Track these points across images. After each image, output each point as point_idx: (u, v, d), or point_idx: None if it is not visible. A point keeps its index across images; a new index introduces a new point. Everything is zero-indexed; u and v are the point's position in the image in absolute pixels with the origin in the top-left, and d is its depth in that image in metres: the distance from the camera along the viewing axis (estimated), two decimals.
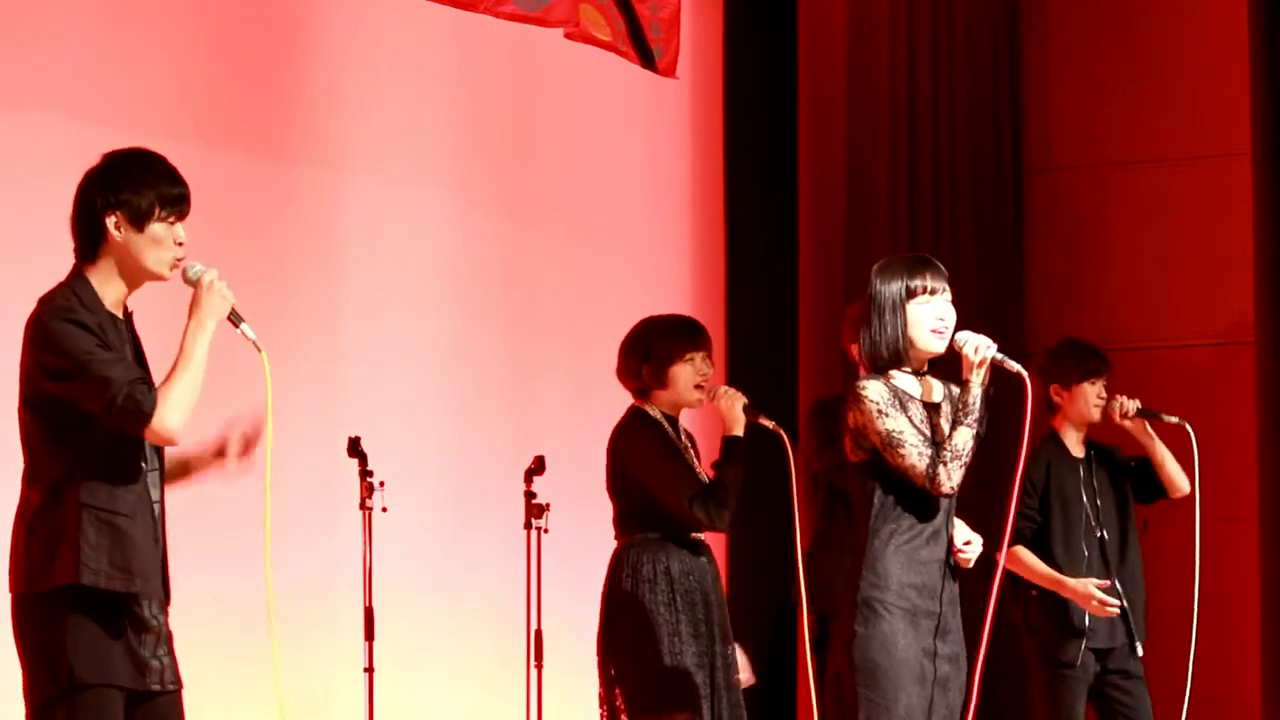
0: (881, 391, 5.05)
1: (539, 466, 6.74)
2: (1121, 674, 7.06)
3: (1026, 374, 5.07)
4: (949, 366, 5.14)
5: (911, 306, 5.08)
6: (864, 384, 5.06)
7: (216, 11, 7.01)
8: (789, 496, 6.22)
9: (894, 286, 5.09)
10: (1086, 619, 6.95)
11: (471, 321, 7.90)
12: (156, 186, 4.43)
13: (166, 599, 4.50)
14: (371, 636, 6.50)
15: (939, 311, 5.09)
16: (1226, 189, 9.33)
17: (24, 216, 6.16)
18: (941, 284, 5.11)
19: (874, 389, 5.05)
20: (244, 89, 7.08)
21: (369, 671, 6.49)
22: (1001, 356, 5.06)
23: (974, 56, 9.61)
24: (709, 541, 6.38)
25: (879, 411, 5.02)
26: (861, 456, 5.09)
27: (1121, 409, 7.09)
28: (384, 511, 6.46)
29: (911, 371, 5.14)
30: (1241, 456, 9.02)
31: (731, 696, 6.20)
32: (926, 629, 5.05)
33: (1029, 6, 9.86)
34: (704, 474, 6.25)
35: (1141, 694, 7.08)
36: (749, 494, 6.32)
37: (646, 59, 8.19)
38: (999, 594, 5.09)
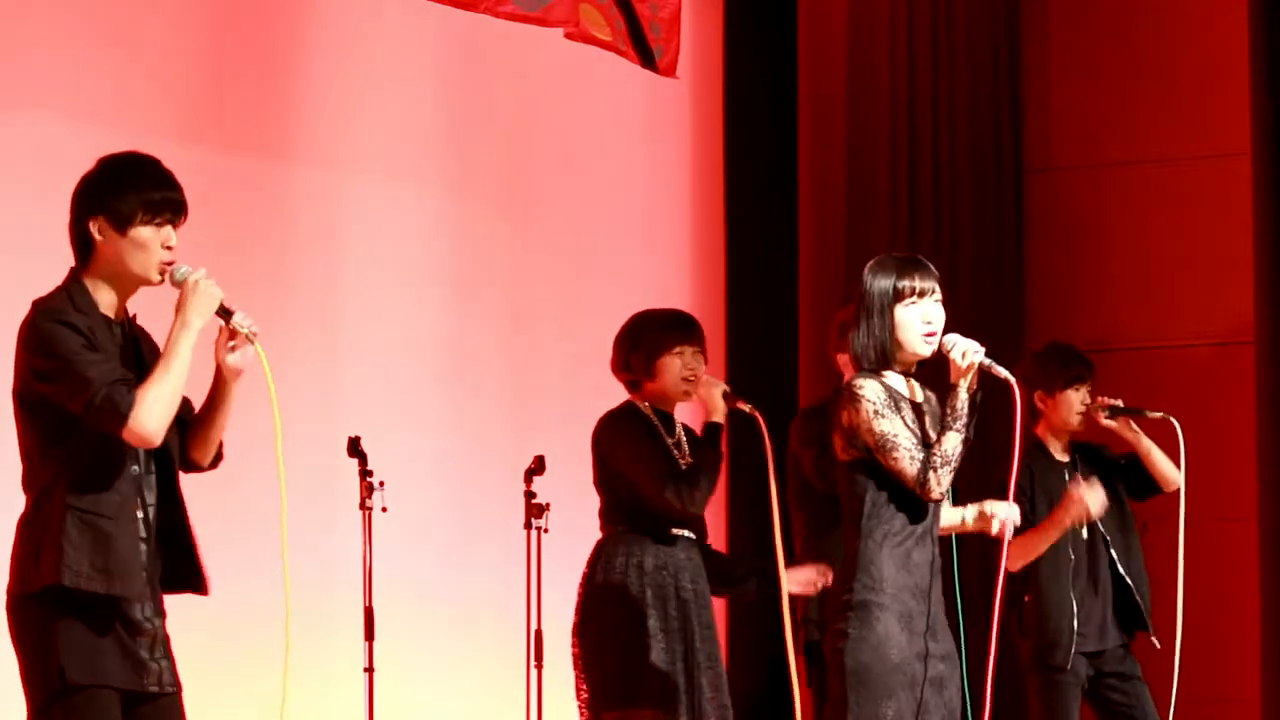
0: (878, 392, 5.01)
1: (539, 466, 6.73)
2: (1118, 676, 7.05)
3: (1014, 379, 5.05)
4: (936, 371, 5.12)
5: (899, 309, 5.03)
6: (860, 383, 5.02)
7: (216, 11, 7.01)
8: (765, 481, 6.13)
9: (882, 288, 5.05)
10: (1076, 623, 6.94)
11: (472, 321, 7.90)
12: (140, 190, 4.36)
13: (160, 600, 4.46)
14: (371, 636, 6.49)
15: (927, 314, 5.04)
16: (1226, 189, 9.32)
17: (24, 217, 6.16)
18: (931, 284, 5.06)
19: (871, 389, 5.01)
20: (244, 89, 7.08)
21: (369, 671, 6.48)
22: (989, 362, 5.02)
23: (974, 56, 9.61)
24: (708, 542, 6.37)
25: (875, 412, 4.98)
26: (853, 455, 5.04)
27: (1103, 410, 7.06)
28: (384, 511, 6.45)
29: (900, 373, 5.11)
30: (1241, 456, 9.01)
31: (719, 697, 6.15)
32: (919, 630, 5.01)
33: (1029, 6, 9.85)
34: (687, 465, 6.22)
35: (1141, 693, 7.07)
36: (749, 494, 6.31)
37: (646, 59, 8.18)
38: (1001, 596, 5.09)
